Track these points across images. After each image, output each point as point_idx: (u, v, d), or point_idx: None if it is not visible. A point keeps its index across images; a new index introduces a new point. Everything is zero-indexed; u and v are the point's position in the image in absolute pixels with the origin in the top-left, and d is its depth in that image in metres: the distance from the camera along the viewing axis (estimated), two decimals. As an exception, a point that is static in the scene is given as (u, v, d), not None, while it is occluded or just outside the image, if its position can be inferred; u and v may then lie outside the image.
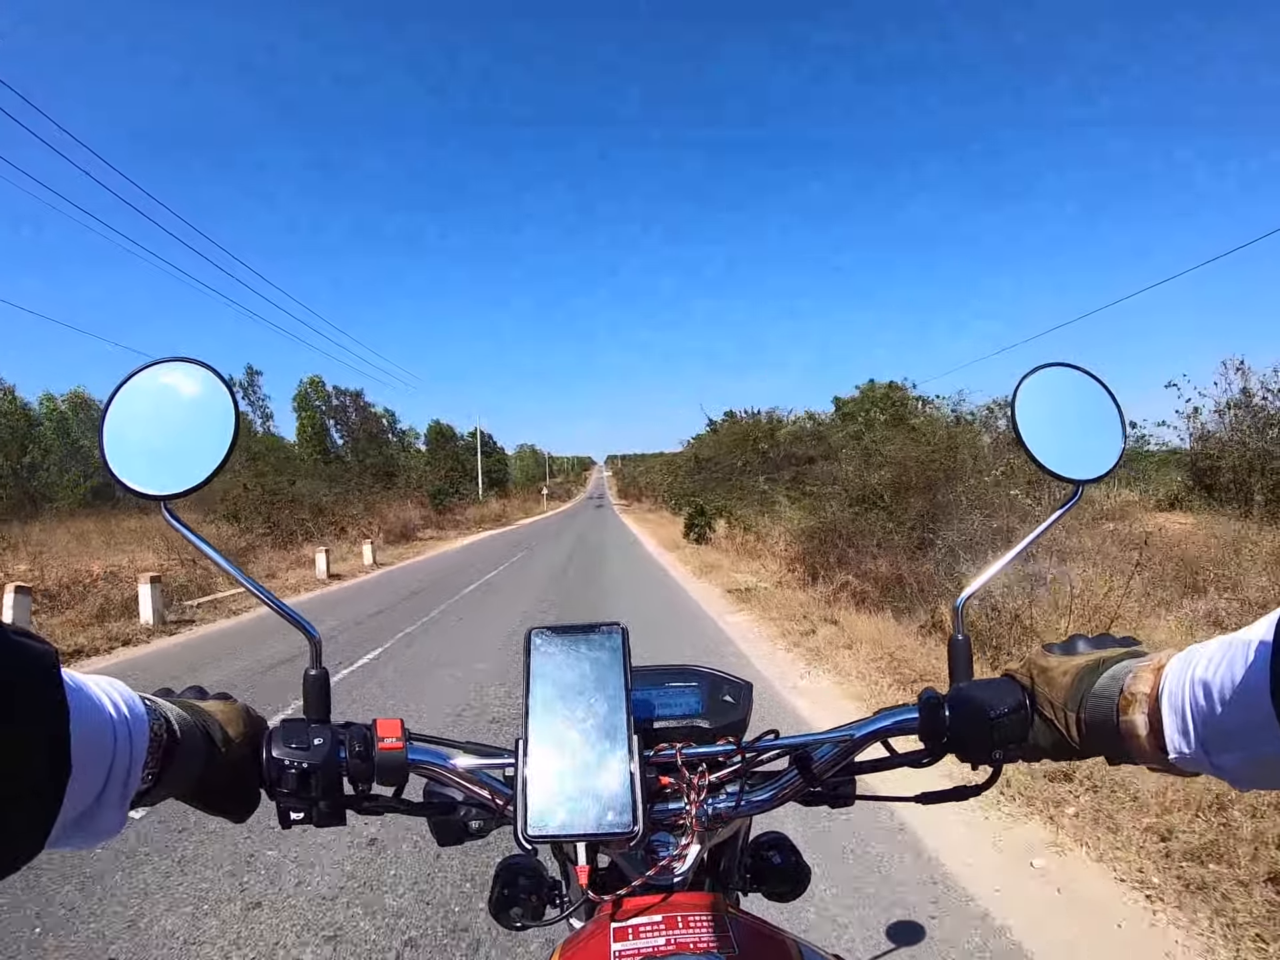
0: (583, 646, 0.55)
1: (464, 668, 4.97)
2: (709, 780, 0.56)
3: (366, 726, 0.55)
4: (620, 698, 0.52)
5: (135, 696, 0.41)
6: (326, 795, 0.51)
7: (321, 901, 2.14)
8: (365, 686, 4.63)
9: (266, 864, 2.37)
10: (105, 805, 0.37)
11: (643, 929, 0.50)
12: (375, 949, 1.92)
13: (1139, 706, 0.42)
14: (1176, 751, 0.40)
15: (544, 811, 0.48)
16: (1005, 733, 0.52)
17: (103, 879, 2.31)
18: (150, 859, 2.42)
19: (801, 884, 0.67)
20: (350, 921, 2.04)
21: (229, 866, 2.36)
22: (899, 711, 0.57)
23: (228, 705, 0.53)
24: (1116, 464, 0.62)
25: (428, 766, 0.56)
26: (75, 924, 2.07)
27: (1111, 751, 0.46)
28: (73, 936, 2.01)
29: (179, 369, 0.55)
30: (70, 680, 0.34)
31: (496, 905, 0.64)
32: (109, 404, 0.54)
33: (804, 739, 0.59)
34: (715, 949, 0.47)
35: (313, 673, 0.56)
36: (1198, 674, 0.38)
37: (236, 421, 0.55)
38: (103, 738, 0.36)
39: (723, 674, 0.68)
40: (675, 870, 0.55)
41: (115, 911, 2.13)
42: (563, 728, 0.51)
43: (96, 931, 2.03)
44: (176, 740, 0.44)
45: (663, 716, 0.63)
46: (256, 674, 5.03)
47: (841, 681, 4.50)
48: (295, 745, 0.51)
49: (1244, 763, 0.37)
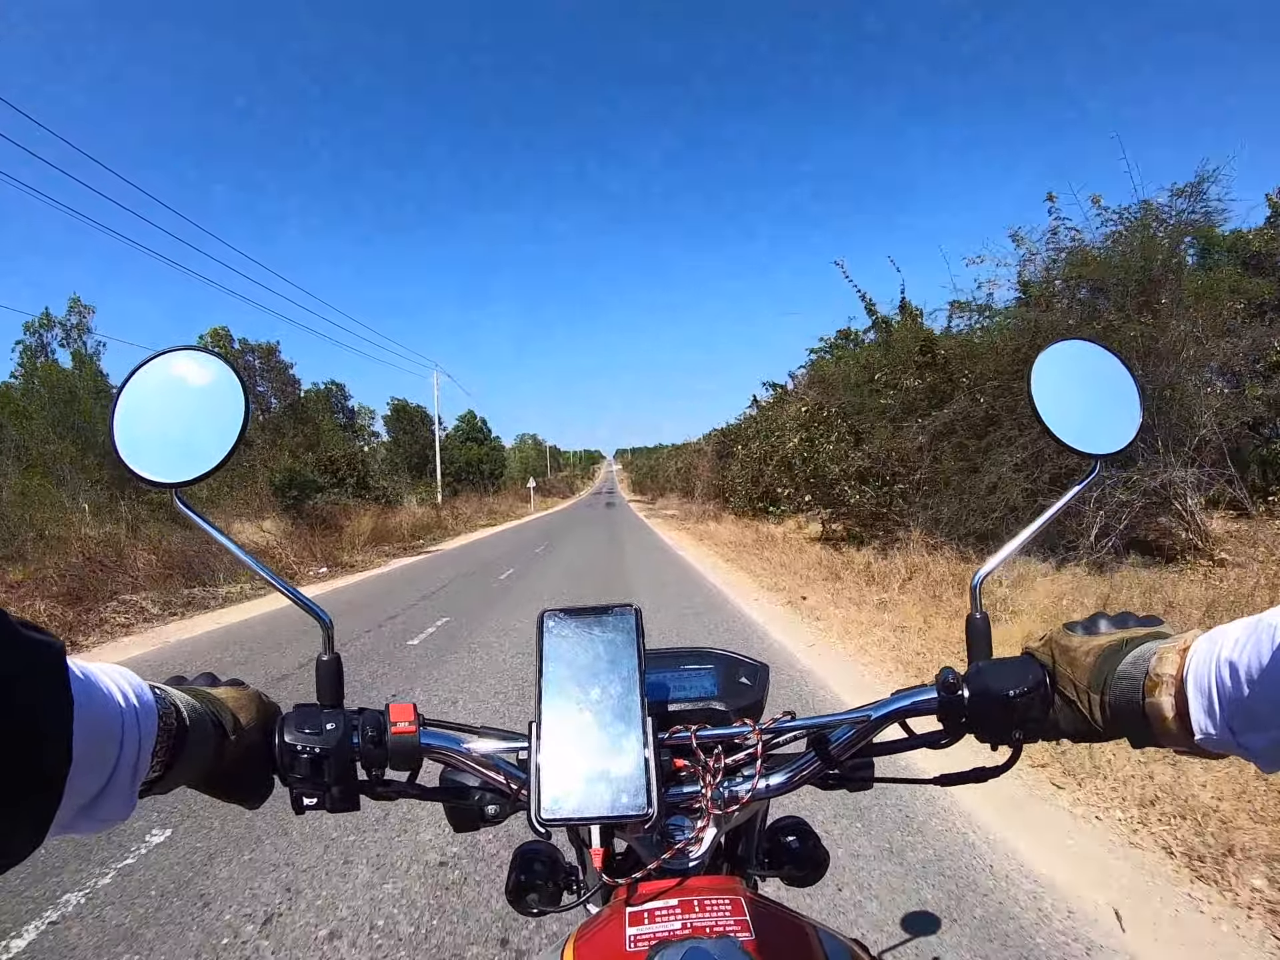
0: (596, 628, 0.55)
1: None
2: (725, 763, 0.55)
3: (379, 711, 0.55)
4: (634, 679, 0.52)
5: (144, 685, 0.41)
6: (340, 781, 0.51)
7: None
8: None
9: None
10: (113, 793, 0.37)
11: (658, 913, 0.49)
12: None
13: (1165, 688, 0.42)
14: (1203, 733, 0.40)
15: (558, 795, 0.48)
16: (1025, 712, 0.51)
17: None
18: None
19: (820, 869, 0.66)
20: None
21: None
22: (916, 692, 0.56)
23: (239, 692, 0.53)
24: (1134, 439, 0.61)
25: (441, 751, 0.56)
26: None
27: (1136, 734, 0.45)
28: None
29: (189, 358, 0.56)
30: (78, 671, 0.34)
31: (513, 892, 0.64)
32: (119, 394, 0.54)
33: (821, 720, 0.58)
34: (731, 932, 0.46)
35: (325, 658, 0.56)
36: (1224, 655, 0.38)
37: (247, 410, 0.55)
38: (111, 727, 0.37)
39: (739, 655, 0.68)
40: (691, 854, 0.55)
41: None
42: (576, 710, 0.51)
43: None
44: (186, 728, 0.44)
45: (678, 699, 0.62)
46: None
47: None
48: (308, 731, 0.51)
49: (1271, 743, 0.37)
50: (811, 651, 4.97)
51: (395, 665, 4.80)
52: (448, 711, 3.73)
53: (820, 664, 4.60)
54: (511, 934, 1.86)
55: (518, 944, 1.83)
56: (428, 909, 2.00)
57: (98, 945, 1.89)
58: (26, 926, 1.97)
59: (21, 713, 0.27)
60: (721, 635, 5.53)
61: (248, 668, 4.86)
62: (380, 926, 1.92)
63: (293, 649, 5.41)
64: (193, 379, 0.55)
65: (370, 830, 2.47)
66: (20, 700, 0.27)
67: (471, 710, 3.76)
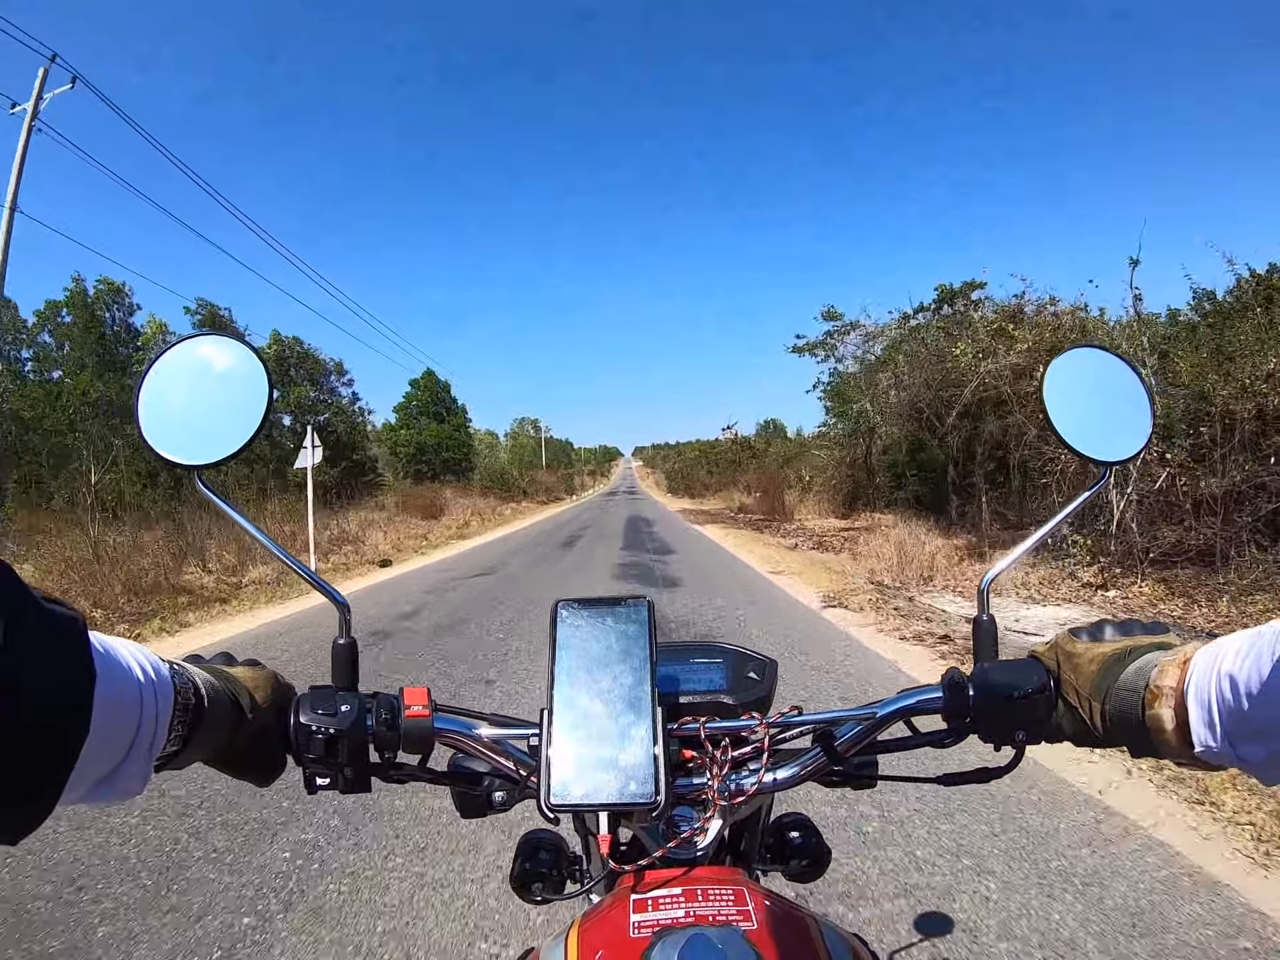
0: (609, 619, 0.55)
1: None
2: (732, 756, 0.56)
3: (393, 695, 0.55)
4: (645, 670, 0.53)
5: (161, 661, 0.42)
6: (352, 762, 0.52)
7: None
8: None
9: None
10: (130, 766, 0.38)
11: (662, 901, 0.50)
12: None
13: (1165, 701, 0.42)
14: (1202, 745, 0.40)
15: (567, 781, 0.49)
16: (1029, 714, 0.51)
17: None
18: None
19: (822, 865, 0.67)
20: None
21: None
22: (923, 691, 0.57)
23: (256, 671, 0.53)
24: (1145, 446, 0.62)
25: (453, 735, 0.57)
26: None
27: (1136, 744, 0.46)
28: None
29: (213, 343, 0.57)
30: (99, 645, 0.35)
31: (518, 880, 0.65)
32: (144, 376, 0.55)
33: (827, 716, 0.59)
34: (734, 922, 0.47)
35: (341, 641, 0.56)
36: (1224, 667, 0.38)
37: (270, 395, 0.56)
38: (130, 701, 0.37)
39: (748, 651, 0.68)
40: (696, 844, 0.55)
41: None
42: (587, 699, 0.52)
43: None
44: (203, 705, 0.45)
45: (687, 691, 0.63)
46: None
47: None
48: (322, 712, 0.52)
49: (1271, 756, 0.37)
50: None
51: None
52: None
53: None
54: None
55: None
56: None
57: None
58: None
59: (41, 684, 0.27)
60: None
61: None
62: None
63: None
64: (218, 363, 0.56)
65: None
66: (40, 672, 0.27)
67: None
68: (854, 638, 5.08)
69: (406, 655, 4.72)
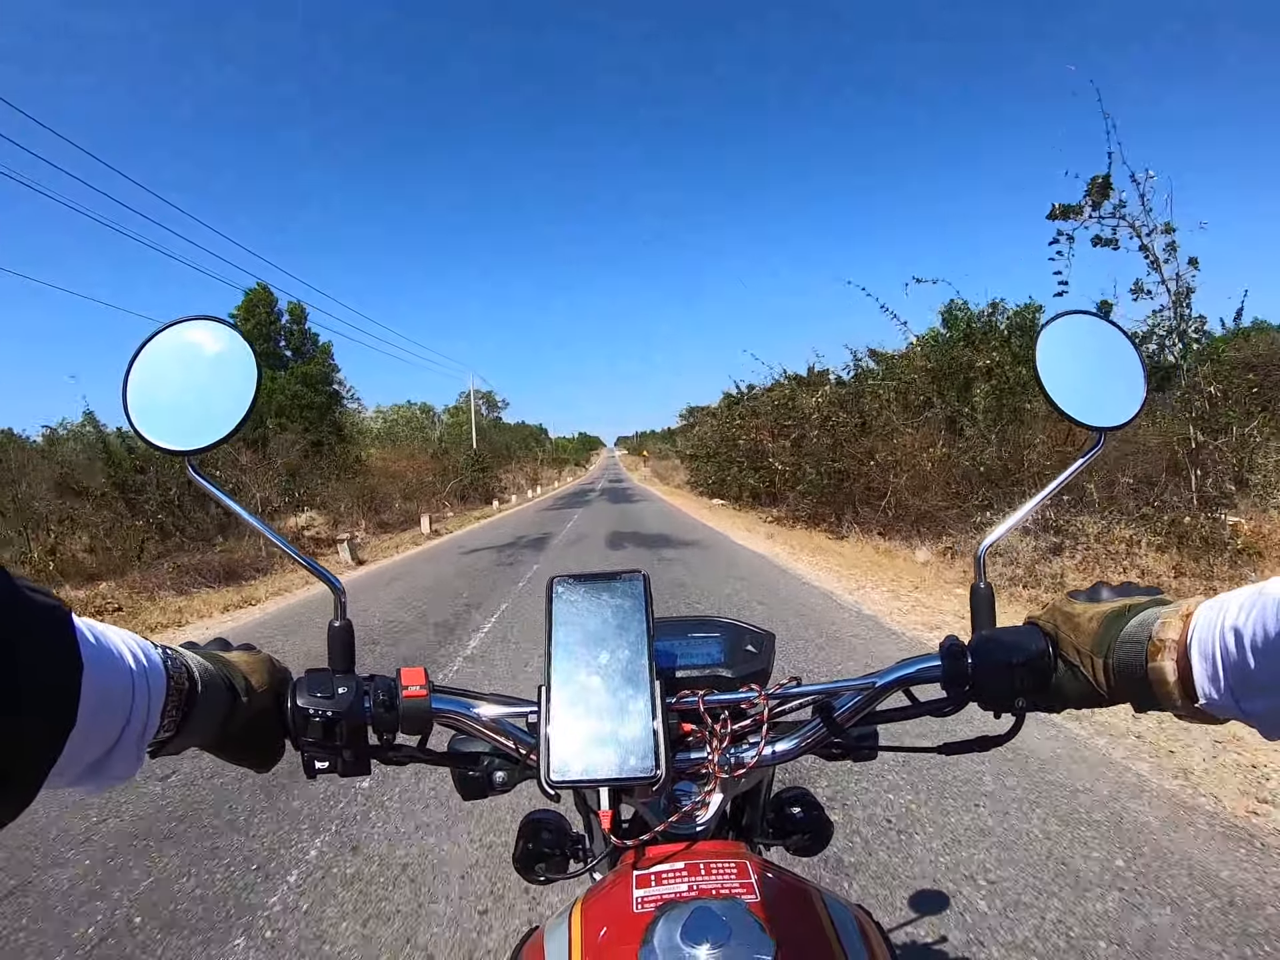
0: (605, 594, 0.55)
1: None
2: (731, 729, 0.56)
3: (390, 677, 0.55)
4: (642, 644, 0.52)
5: (152, 647, 0.42)
6: (351, 744, 0.52)
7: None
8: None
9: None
10: (120, 752, 0.37)
11: (665, 875, 0.50)
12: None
13: (1168, 653, 0.42)
14: (1205, 698, 0.40)
15: (567, 758, 0.49)
16: (1028, 680, 0.51)
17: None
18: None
19: (823, 839, 0.67)
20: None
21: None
22: (921, 660, 0.57)
23: (251, 656, 0.53)
24: (1139, 412, 0.61)
25: (451, 715, 0.57)
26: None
27: (1139, 698, 0.46)
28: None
29: (202, 327, 0.56)
30: (88, 633, 0.34)
31: (521, 860, 0.64)
32: (132, 361, 0.55)
33: (826, 686, 0.59)
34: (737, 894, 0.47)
35: (337, 624, 0.56)
36: (1229, 621, 0.38)
37: (259, 379, 0.56)
38: (121, 689, 0.37)
39: (745, 624, 0.68)
40: (698, 819, 0.55)
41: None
42: (585, 675, 0.52)
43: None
44: (197, 690, 0.44)
45: (685, 665, 0.63)
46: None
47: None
48: (320, 694, 0.51)
49: (1272, 710, 0.37)
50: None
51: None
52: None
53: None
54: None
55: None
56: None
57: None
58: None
59: (23, 673, 0.27)
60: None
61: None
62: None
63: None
64: (206, 348, 0.56)
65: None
66: (21, 660, 0.27)
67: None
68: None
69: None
